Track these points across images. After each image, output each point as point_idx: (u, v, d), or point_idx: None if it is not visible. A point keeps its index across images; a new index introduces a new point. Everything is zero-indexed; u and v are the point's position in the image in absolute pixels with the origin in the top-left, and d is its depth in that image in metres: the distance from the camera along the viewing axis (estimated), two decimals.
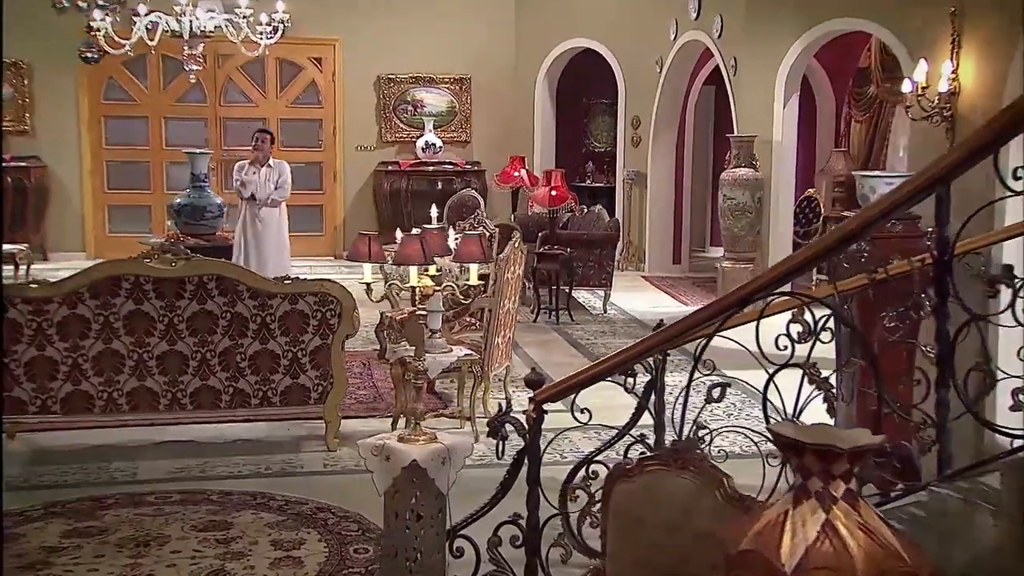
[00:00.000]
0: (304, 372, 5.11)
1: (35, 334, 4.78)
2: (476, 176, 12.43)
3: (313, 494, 4.57)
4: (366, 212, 12.45)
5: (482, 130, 12.75)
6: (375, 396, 6.27)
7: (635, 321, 8.81)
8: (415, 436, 3.07)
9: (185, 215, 7.83)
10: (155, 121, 12.15)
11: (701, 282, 10.96)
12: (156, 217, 12.23)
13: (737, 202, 8.70)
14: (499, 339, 5.91)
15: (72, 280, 4.82)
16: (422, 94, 12.61)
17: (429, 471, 2.93)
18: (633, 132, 11.69)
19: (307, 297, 5.04)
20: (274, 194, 8.23)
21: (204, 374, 4.99)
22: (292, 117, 12.32)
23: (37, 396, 4.82)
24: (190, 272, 4.90)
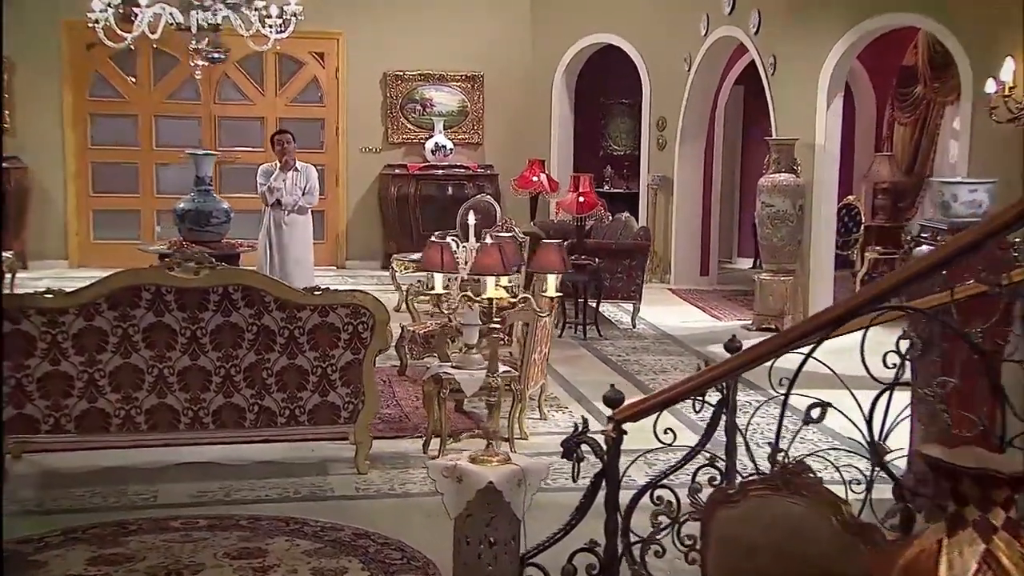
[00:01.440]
0: (334, 389, 5.14)
1: (49, 347, 4.82)
2: (489, 180, 12.50)
3: (347, 519, 4.60)
4: (371, 219, 12.51)
5: (495, 131, 12.82)
6: (400, 415, 6.30)
7: (667, 337, 8.87)
8: (488, 457, 3.10)
9: (189, 221, 7.87)
10: (145, 120, 12.20)
11: (732, 295, 11.03)
12: (145, 223, 12.28)
13: (777, 209, 8.77)
14: (535, 355, 5.96)
15: (89, 290, 4.85)
16: (431, 92, 12.68)
17: (505, 494, 2.97)
18: (658, 134, 11.77)
19: (338, 309, 5.08)
20: (302, 200, 8.30)
21: (228, 391, 5.03)
22: (292, 116, 12.36)
23: (51, 414, 4.85)
24: (214, 282, 4.94)
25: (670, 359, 8.01)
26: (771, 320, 8.85)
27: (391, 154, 12.62)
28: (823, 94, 8.63)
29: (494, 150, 12.83)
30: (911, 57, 10.36)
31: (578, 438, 3.03)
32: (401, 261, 9.54)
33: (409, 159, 12.56)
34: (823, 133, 8.69)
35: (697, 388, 3.08)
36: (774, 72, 9.29)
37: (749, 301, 10.47)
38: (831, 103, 8.67)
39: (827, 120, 8.69)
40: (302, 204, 8.33)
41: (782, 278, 8.87)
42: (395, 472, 5.25)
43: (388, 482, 5.12)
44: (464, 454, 3.22)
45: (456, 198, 12.05)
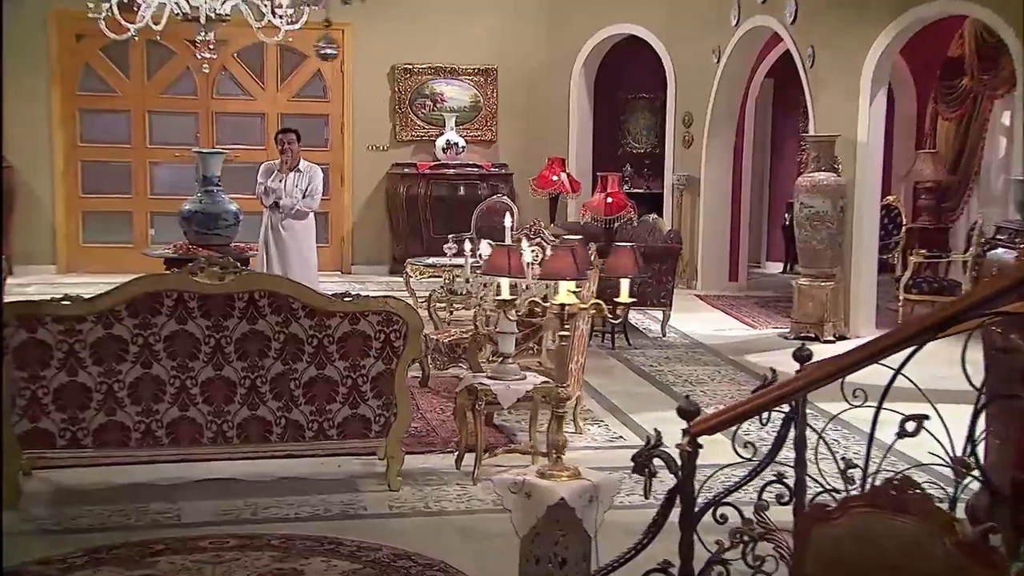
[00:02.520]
0: (365, 401, 5.17)
1: (66, 357, 4.84)
2: (503, 180, 12.56)
3: (384, 539, 4.63)
4: (378, 221, 12.56)
5: (509, 128, 12.87)
6: (427, 429, 6.33)
7: (699, 346, 8.90)
8: (558, 471, 3.13)
9: (196, 223, 7.91)
10: (138, 115, 12.26)
11: (764, 301, 11.07)
12: (138, 226, 12.32)
13: (816, 211, 8.81)
14: (573, 365, 5.99)
15: (108, 296, 4.88)
16: (442, 87, 12.74)
17: (577, 511, 3.00)
18: (684, 131, 11.82)
19: (369, 316, 5.11)
20: (300, 204, 8.34)
21: (253, 403, 5.06)
22: (294, 112, 12.41)
23: (67, 428, 4.88)
24: (240, 288, 4.97)
25: (705, 369, 8.05)
26: (810, 328, 8.89)
27: (399, 152, 12.68)
28: (866, 88, 8.68)
29: (508, 148, 12.88)
30: (956, 48, 10.41)
31: (651, 452, 3.05)
32: (416, 266, 9.55)
33: (418, 158, 12.61)
34: (865, 129, 8.74)
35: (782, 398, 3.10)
36: (812, 64, 9.34)
37: (783, 308, 10.52)
38: (874, 97, 8.72)
39: (870, 115, 8.74)
40: (299, 207, 8.33)
41: (822, 283, 8.91)
42: (428, 489, 5.28)
43: (422, 499, 5.15)
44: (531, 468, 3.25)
45: (469, 199, 12.10)
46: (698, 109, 11.47)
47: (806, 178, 8.94)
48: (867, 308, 9.07)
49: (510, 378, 5.44)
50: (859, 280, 8.94)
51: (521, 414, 6.38)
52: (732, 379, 7.74)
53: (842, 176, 8.84)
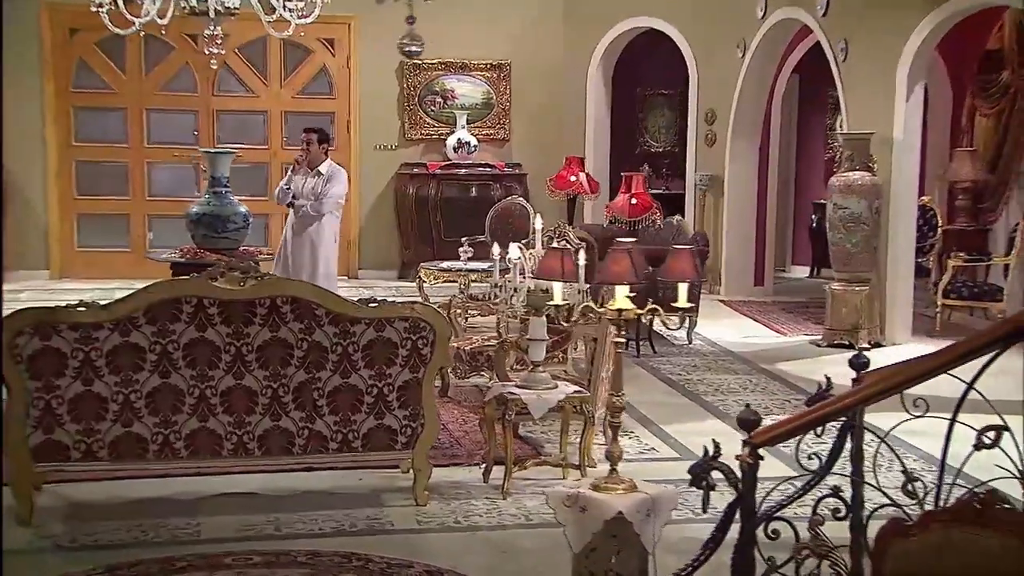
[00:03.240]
0: (391, 411, 5.20)
1: (81, 366, 4.87)
2: (517, 181, 12.60)
3: (413, 555, 4.65)
4: (386, 223, 12.59)
5: (523, 126, 12.92)
6: (450, 441, 6.35)
7: (728, 353, 8.93)
8: (613, 484, 3.16)
9: (204, 226, 7.95)
10: (135, 113, 12.31)
11: (793, 307, 11.10)
12: (135, 229, 12.36)
13: (851, 212, 8.83)
14: (604, 374, 6.02)
15: (126, 302, 4.91)
16: (453, 83, 12.79)
17: (635, 525, 3.02)
18: (707, 129, 11.86)
19: (396, 323, 5.14)
20: (307, 205, 8.38)
21: (275, 414, 5.08)
22: (298, 110, 12.48)
23: (82, 440, 4.90)
24: (262, 293, 4.99)
25: (737, 378, 8.07)
26: (844, 335, 8.91)
27: (408, 151, 12.72)
28: (902, 83, 8.71)
29: (522, 147, 12.92)
30: (995, 40, 10.43)
31: (709, 464, 3.07)
32: (430, 270, 9.61)
33: (428, 157, 12.66)
34: (902, 126, 8.77)
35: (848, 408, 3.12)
36: (845, 58, 9.37)
37: (813, 314, 10.55)
38: (911, 93, 8.75)
39: (906, 112, 8.77)
40: (306, 209, 8.36)
41: (856, 288, 8.93)
42: (456, 503, 5.30)
43: (450, 514, 5.17)
44: (584, 481, 3.27)
45: (481, 200, 12.15)
46: (722, 106, 11.51)
47: (839, 177, 8.97)
48: (903, 314, 9.09)
49: (541, 387, 5.47)
50: (895, 284, 8.96)
51: (547, 425, 6.41)
52: (765, 389, 7.76)
53: (877, 175, 8.87)
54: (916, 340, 9.09)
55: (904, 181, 8.91)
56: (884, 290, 8.99)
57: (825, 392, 3.61)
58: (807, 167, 13.52)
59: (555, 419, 5.87)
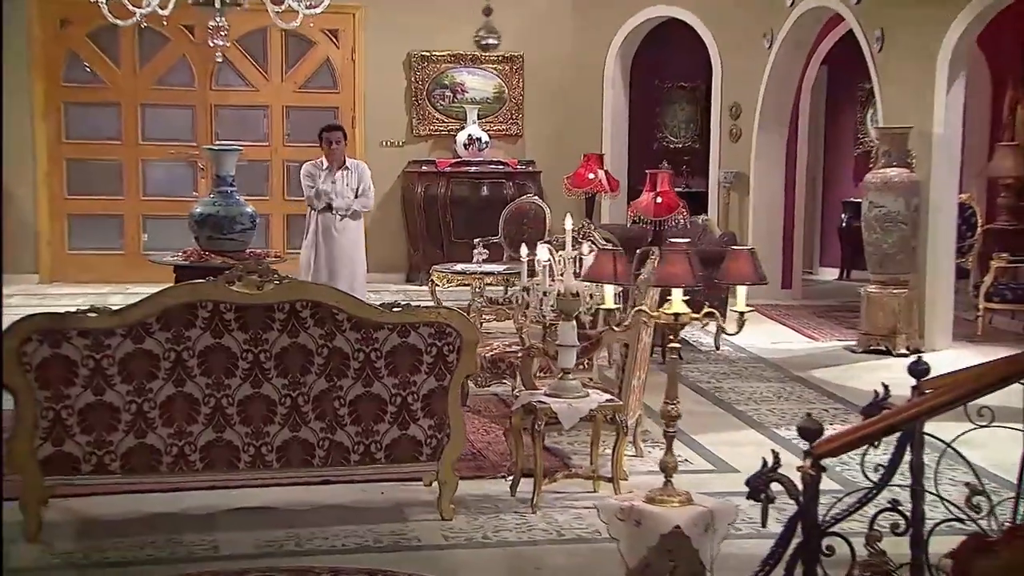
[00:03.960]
0: (415, 421, 5.22)
1: (92, 374, 4.89)
2: (531, 179, 12.63)
3: (442, 573, 4.68)
4: (392, 224, 12.62)
5: (537, 122, 12.96)
6: (472, 452, 6.37)
7: (758, 360, 8.95)
8: (668, 496, 3.18)
9: (209, 228, 7.96)
10: (129, 109, 12.36)
11: (823, 311, 11.13)
12: (129, 231, 12.39)
13: (888, 210, 8.86)
14: (635, 381, 6.04)
15: (139, 307, 4.94)
16: (463, 76, 12.83)
17: (693, 539, 3.04)
18: (731, 123, 11.89)
19: (420, 328, 5.16)
20: (356, 204, 8.51)
21: (295, 424, 5.10)
22: (301, 104, 12.55)
23: (93, 452, 4.92)
24: (281, 297, 5.02)
25: (769, 386, 8.09)
26: (881, 340, 8.93)
27: (416, 148, 12.76)
28: (942, 74, 8.73)
29: (536, 143, 12.96)
30: None
31: (768, 475, 3.09)
32: (442, 273, 9.62)
33: (437, 154, 12.69)
34: (942, 120, 8.79)
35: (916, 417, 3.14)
36: (881, 49, 9.39)
37: (844, 318, 10.59)
38: (952, 85, 8.77)
39: (947, 105, 8.78)
40: (356, 208, 8.53)
41: (894, 291, 8.95)
42: (484, 518, 5.32)
43: (478, 529, 5.19)
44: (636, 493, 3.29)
45: (493, 199, 12.19)
46: (747, 99, 11.53)
47: (876, 174, 8.99)
48: (944, 318, 9.11)
49: (571, 396, 5.49)
50: (935, 287, 8.97)
51: (573, 435, 6.44)
52: (800, 397, 7.78)
53: (916, 172, 8.89)
54: (957, 346, 9.11)
55: (944, 178, 8.93)
56: (923, 293, 9.01)
57: (882, 401, 3.62)
58: (836, 163, 13.55)
59: (581, 429, 5.89)
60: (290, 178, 12.46)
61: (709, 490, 4.89)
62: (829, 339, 9.77)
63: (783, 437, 6.72)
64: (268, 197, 12.25)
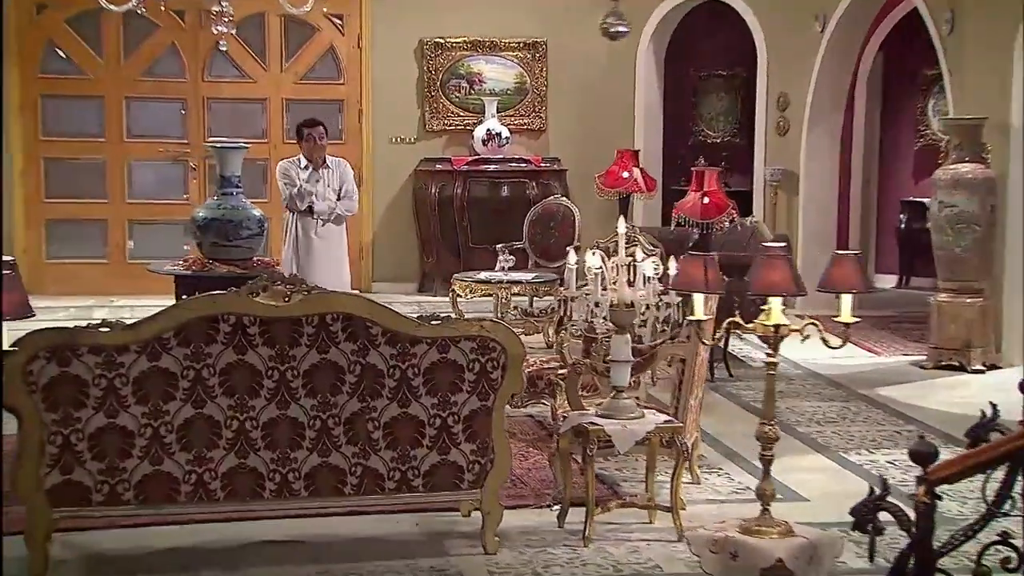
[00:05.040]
0: (456, 445, 5.25)
1: (104, 395, 4.93)
2: (556, 178, 12.67)
3: None
4: (403, 228, 12.67)
5: (562, 115, 13.01)
6: (511, 479, 6.39)
7: (816, 376, 8.98)
8: (766, 527, 3.21)
9: (213, 233, 8.00)
10: (113, 102, 12.42)
11: (883, 323, 11.15)
12: (114, 238, 12.44)
13: (959, 210, 8.89)
14: (693, 400, 6.07)
15: (154, 321, 4.98)
16: (481, 65, 12.89)
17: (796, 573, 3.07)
18: (779, 116, 11.93)
19: (462, 343, 5.20)
20: (339, 207, 8.62)
21: (324, 448, 5.14)
22: (302, 97, 12.60)
23: (105, 480, 4.96)
24: (309, 310, 5.06)
25: (832, 406, 8.12)
26: (953, 355, 8.95)
27: (429, 145, 12.82)
28: (1020, 61, 8.75)
29: (561, 139, 13.01)
30: None
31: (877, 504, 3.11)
32: (465, 282, 9.67)
33: (453, 151, 12.75)
34: (1021, 111, 8.80)
35: None
36: (951, 32, 9.42)
37: (908, 330, 10.62)
38: None
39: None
40: (339, 212, 8.63)
41: (967, 300, 8.97)
42: (531, 552, 5.35)
43: (527, 564, 5.22)
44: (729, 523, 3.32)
45: (514, 201, 12.25)
46: (796, 89, 11.58)
47: (946, 170, 9.02)
48: None
49: (625, 417, 5.51)
50: (1013, 295, 8.96)
51: (620, 460, 6.48)
52: (868, 418, 7.81)
53: (991, 168, 8.92)
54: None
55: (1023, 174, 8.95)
56: (1000, 302, 9.03)
57: (990, 422, 3.63)
58: (893, 159, 13.56)
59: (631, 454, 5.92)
60: None
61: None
62: (893, 353, 9.79)
63: (853, 462, 6.76)
64: (267, 200, 12.27)
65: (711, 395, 8.40)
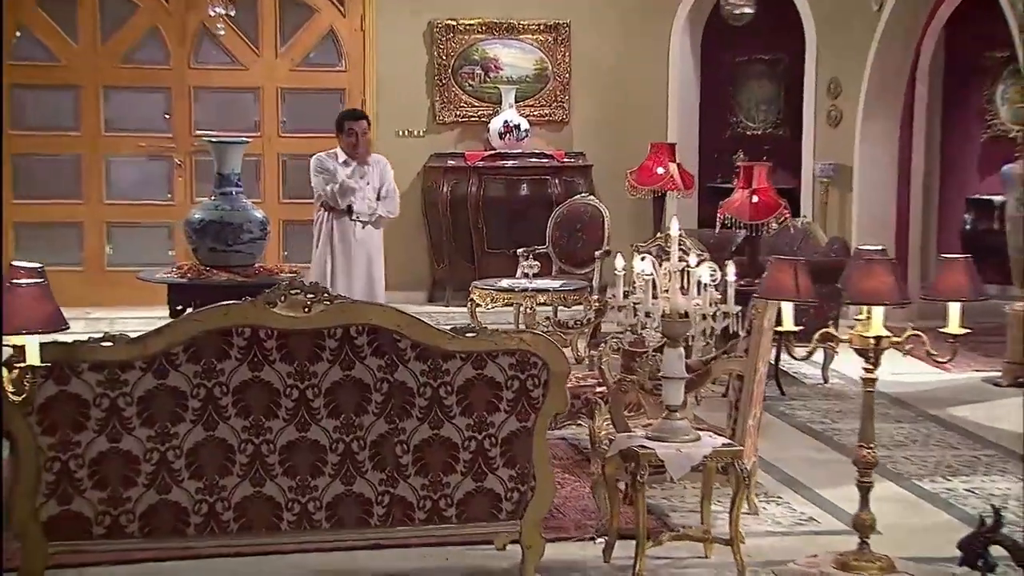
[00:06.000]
0: (493, 471, 5.28)
1: (107, 416, 4.97)
2: (581, 174, 12.72)
3: None
4: (411, 231, 12.69)
5: (587, 105, 13.07)
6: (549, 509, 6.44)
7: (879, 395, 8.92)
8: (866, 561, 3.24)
9: (211, 237, 8.05)
10: (89, 92, 12.50)
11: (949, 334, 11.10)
12: (90, 242, 12.48)
13: None
14: (751, 422, 6.11)
15: (161, 335, 5.01)
16: (498, 50, 12.97)
17: None
18: (830, 104, 11.97)
19: (499, 357, 5.23)
20: (380, 208, 8.73)
21: (348, 475, 5.17)
22: (299, 86, 12.69)
23: (107, 511, 5.00)
24: (332, 322, 5.09)
25: (899, 427, 8.16)
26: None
27: (440, 139, 12.91)
28: None
29: (586, 131, 13.09)
30: None
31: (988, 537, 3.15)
32: (485, 291, 9.70)
33: (466, 145, 12.82)
34: None
35: None
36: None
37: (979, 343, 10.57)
38: None
39: None
40: (380, 214, 8.75)
41: None
42: None
43: None
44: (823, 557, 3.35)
45: (535, 200, 12.33)
46: (850, 75, 11.60)
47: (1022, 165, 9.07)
48: None
49: (680, 439, 5.55)
50: None
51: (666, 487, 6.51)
52: (940, 441, 7.85)
53: None
54: None
55: None
56: None
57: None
58: (956, 152, 13.58)
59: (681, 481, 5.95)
60: (287, 176, 12.59)
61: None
62: (963, 369, 9.82)
63: (928, 491, 6.79)
64: (260, 199, 12.32)
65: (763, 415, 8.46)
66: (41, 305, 4.48)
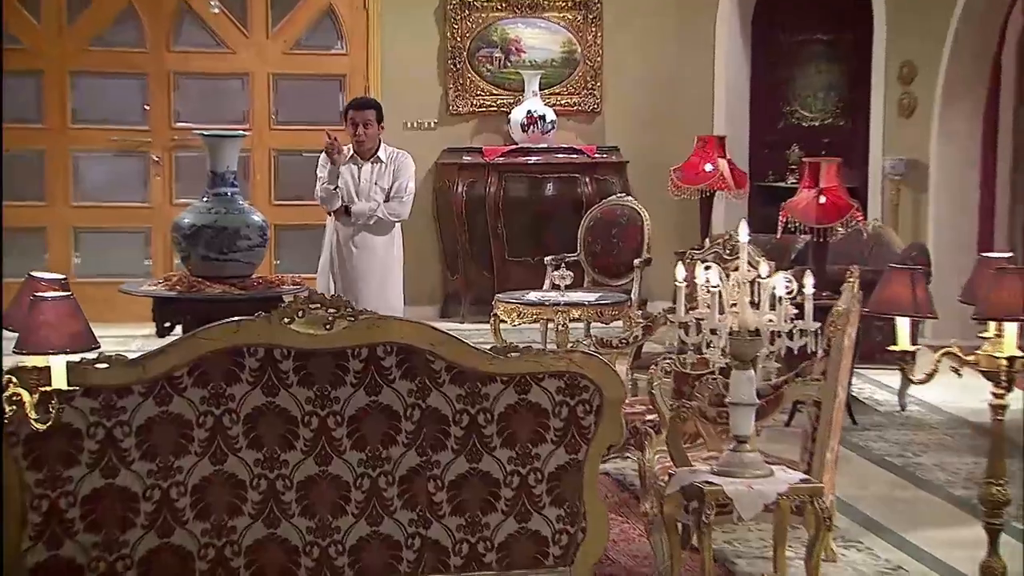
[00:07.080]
0: (539, 510, 5.30)
1: (101, 448, 4.98)
2: (615, 172, 12.74)
3: None
4: (422, 236, 12.70)
5: (621, 92, 13.10)
6: None
7: (963, 424, 9.04)
8: None
9: (204, 243, 8.07)
10: (54, 79, 12.57)
11: None
12: (56, 249, 12.52)
13: None
14: (829, 454, 6.13)
15: (163, 356, 5.03)
16: (520, 30, 13.02)
17: None
18: (901, 91, 11.99)
19: (545, 380, 5.25)
20: (383, 208, 8.68)
21: (375, 515, 5.18)
22: (293, 72, 12.75)
23: (101, 556, 5.01)
24: (357, 340, 5.10)
25: None
26: None
27: (455, 131, 12.98)
28: None
29: (620, 123, 13.15)
30: None
31: None
32: (511, 305, 9.71)
33: (484, 139, 12.89)
34: None
35: None
36: None
37: None
38: None
39: None
40: (380, 216, 8.68)
41: None
42: None
43: None
44: None
45: (561, 201, 12.38)
46: (925, 58, 11.63)
47: None
48: None
49: (750, 474, 5.57)
50: None
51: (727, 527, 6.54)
52: None
53: None
54: None
55: None
56: None
57: None
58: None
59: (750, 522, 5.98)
60: (279, 174, 12.62)
61: None
62: None
63: None
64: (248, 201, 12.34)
65: None
66: (68, 322, 4.52)
